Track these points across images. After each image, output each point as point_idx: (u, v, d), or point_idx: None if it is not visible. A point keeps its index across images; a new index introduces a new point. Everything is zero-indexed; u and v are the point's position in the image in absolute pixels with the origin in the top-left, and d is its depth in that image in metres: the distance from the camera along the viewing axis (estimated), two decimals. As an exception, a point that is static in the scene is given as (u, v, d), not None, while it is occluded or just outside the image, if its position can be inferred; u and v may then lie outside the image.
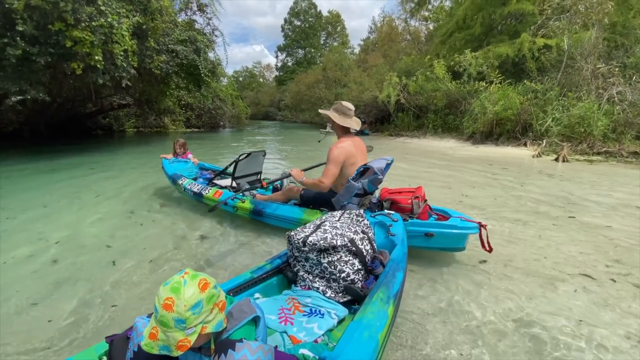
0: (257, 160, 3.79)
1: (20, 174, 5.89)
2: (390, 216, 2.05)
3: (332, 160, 2.49)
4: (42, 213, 3.64)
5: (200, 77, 11.97)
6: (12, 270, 2.37)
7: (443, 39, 15.57)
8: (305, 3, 54.05)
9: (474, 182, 5.20)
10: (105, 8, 7.07)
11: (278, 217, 2.90)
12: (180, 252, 2.66)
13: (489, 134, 10.14)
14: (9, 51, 6.75)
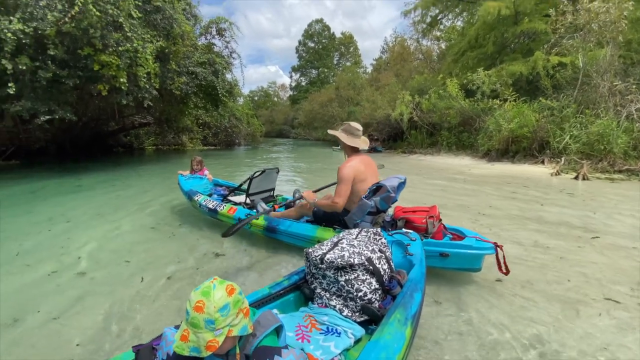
0: (270, 177, 3.87)
1: (46, 190, 6.15)
2: (408, 235, 2.03)
3: (343, 180, 2.54)
4: (65, 228, 3.78)
5: (218, 97, 12.41)
6: (36, 284, 2.45)
7: (455, 58, 15.70)
8: (319, 26, 55.84)
9: (491, 201, 5.10)
10: (132, 34, 7.51)
11: (291, 235, 2.92)
12: (196, 269, 2.70)
13: (504, 152, 9.99)
14: (40, 74, 7.21)
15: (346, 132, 2.73)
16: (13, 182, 7.02)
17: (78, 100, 10.09)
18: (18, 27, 6.46)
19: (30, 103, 7.48)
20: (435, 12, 18.70)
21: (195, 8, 11.48)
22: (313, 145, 29.15)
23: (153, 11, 8.82)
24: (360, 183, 2.60)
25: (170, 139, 18.69)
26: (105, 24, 7.20)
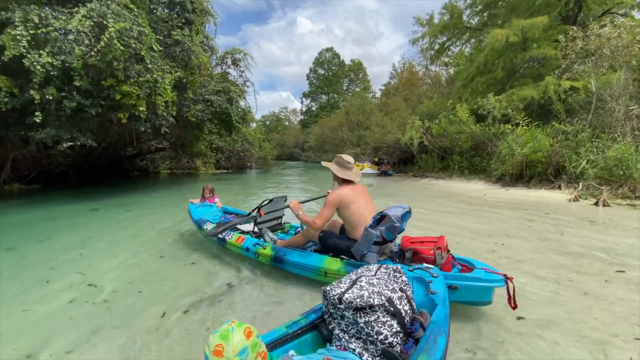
0: (278, 205, 3.88)
1: (65, 216, 6.30)
2: (430, 271, 1.96)
3: (327, 204, 2.71)
4: (82, 255, 3.82)
5: (232, 123, 12.76)
6: (52, 316, 2.45)
7: (465, 83, 15.87)
8: (329, 54, 57.83)
9: (507, 229, 4.96)
10: (152, 66, 7.90)
11: (298, 265, 2.91)
12: (210, 302, 2.66)
13: (519, 176, 9.82)
14: (65, 103, 7.57)
15: (338, 164, 2.90)
16: (34, 207, 7.23)
17: (98, 126, 10.50)
18: (47, 60, 6.88)
19: (54, 131, 7.82)
20: (443, 40, 19.15)
21: (212, 40, 12.08)
22: (323, 167, 29.29)
23: (173, 44, 9.32)
24: (350, 205, 2.70)
25: (185, 163, 19.14)
26: (128, 57, 7.61)
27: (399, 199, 8.44)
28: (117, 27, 7.07)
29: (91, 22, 7.05)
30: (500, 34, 12.41)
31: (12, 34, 6.76)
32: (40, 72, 6.84)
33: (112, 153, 15.02)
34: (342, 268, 2.67)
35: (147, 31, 7.76)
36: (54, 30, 6.92)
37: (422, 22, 19.40)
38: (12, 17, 6.86)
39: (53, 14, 7.19)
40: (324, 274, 2.73)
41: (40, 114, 7.38)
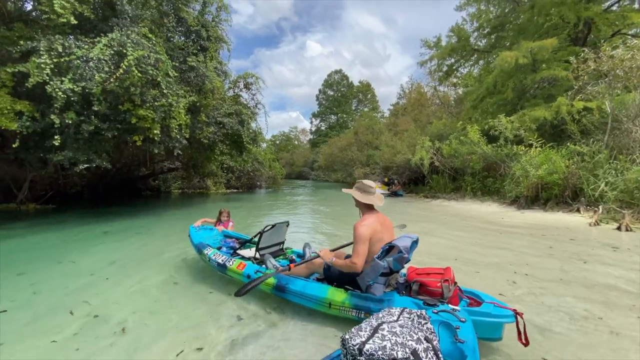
0: (280, 231, 3.84)
1: (77, 238, 6.35)
2: (456, 314, 1.78)
3: (360, 239, 2.51)
4: (91, 281, 3.80)
5: (243, 144, 12.94)
6: (59, 348, 2.39)
7: (474, 104, 15.87)
8: (338, 76, 59.12)
9: (527, 257, 4.76)
10: (167, 91, 8.14)
11: (301, 295, 2.81)
12: (219, 337, 2.57)
13: (534, 198, 9.55)
14: (83, 127, 7.82)
15: (359, 190, 2.78)
16: (48, 228, 7.33)
17: (114, 148, 10.78)
18: (68, 87, 7.17)
19: (72, 153, 8.04)
20: (451, 62, 19.38)
21: (225, 65, 12.46)
22: (332, 187, 29.24)
23: (188, 70, 9.65)
24: (377, 243, 2.56)
25: (196, 182, 19.37)
26: (145, 83, 7.88)
27: (412, 221, 8.27)
28: (136, 55, 7.37)
29: (112, 50, 7.37)
30: (509, 56, 12.48)
31: (36, 62, 7.11)
32: (61, 97, 7.11)
33: (125, 173, 15.32)
34: (347, 300, 2.59)
35: (163, 58, 8.06)
36: (76, 59, 7.24)
37: (430, 45, 19.72)
38: (38, 46, 7.23)
39: (76, 43, 7.56)
40: (328, 305, 2.65)
41: (59, 137, 7.62)
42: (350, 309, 2.56)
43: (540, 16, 13.89)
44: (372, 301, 2.50)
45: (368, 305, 2.50)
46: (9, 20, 8.28)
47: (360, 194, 2.75)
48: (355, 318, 2.54)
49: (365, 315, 2.50)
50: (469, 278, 3.81)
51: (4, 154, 10.36)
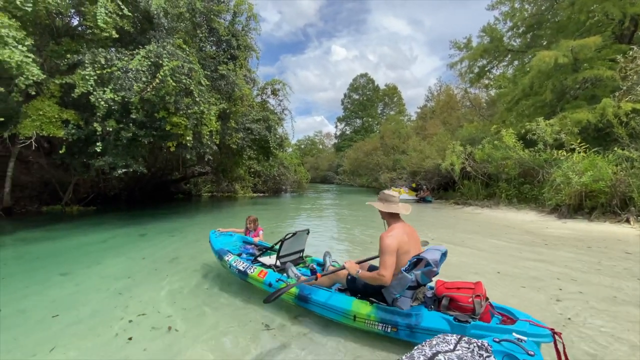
0: (301, 239, 3.81)
1: (115, 240, 6.68)
2: (523, 346, 1.56)
3: (387, 250, 2.42)
4: (127, 285, 3.95)
5: (270, 149, 13.14)
6: (95, 349, 2.49)
7: (509, 106, 15.14)
8: (363, 79, 58.81)
9: (572, 272, 4.41)
10: (200, 99, 8.43)
11: (325, 306, 2.74)
12: (247, 347, 2.56)
13: (577, 207, 8.89)
14: (122, 134, 8.26)
15: (382, 200, 2.74)
16: (89, 229, 7.77)
17: (149, 154, 11.33)
18: (110, 96, 7.62)
19: (111, 158, 8.52)
20: (483, 63, 18.67)
21: (254, 73, 12.75)
22: (357, 192, 28.99)
23: (218, 78, 9.96)
24: (403, 255, 2.47)
25: (224, 186, 19.92)
26: (179, 91, 8.21)
27: (442, 229, 7.97)
28: (171, 65, 7.69)
29: (149, 61, 7.75)
30: (547, 55, 11.80)
31: (81, 73, 7.61)
32: (103, 106, 7.57)
33: (159, 177, 16.05)
34: (372, 313, 2.52)
35: (196, 67, 8.37)
36: (117, 70, 7.69)
37: (460, 46, 19.12)
38: (83, 59, 7.74)
39: (117, 55, 8.02)
40: (353, 318, 2.58)
41: (101, 143, 8.11)
42: (376, 323, 2.48)
43: (581, 13, 13.03)
44: (400, 315, 2.43)
45: (395, 320, 2.43)
46: (57, 35, 8.94)
47: (382, 205, 2.70)
48: (382, 332, 2.48)
49: (392, 330, 2.43)
50: (507, 294, 3.58)
51: (52, 159, 11.17)
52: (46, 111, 7.80)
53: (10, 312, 3.15)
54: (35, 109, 7.72)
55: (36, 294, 3.63)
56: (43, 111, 7.78)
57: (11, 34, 6.60)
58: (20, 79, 6.74)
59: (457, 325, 2.23)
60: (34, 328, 2.84)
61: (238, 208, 13.75)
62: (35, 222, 8.57)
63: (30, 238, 6.68)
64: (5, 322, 2.95)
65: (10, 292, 3.67)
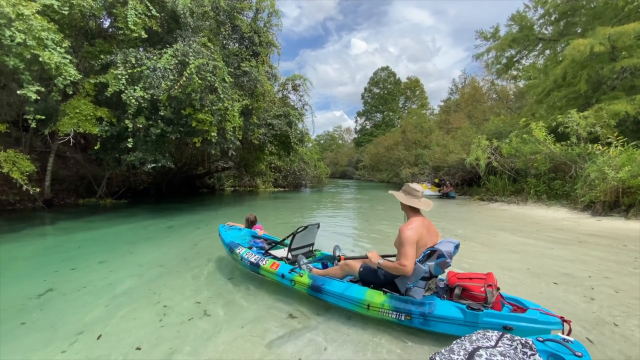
0: (312, 232, 3.86)
1: (146, 231, 7.02)
2: (569, 346, 1.51)
3: (407, 242, 2.49)
4: (159, 273, 4.17)
5: (290, 144, 13.27)
6: (136, 330, 2.66)
7: (539, 98, 14.45)
8: (384, 73, 57.80)
9: (605, 271, 4.22)
10: (224, 95, 8.63)
11: (338, 296, 2.82)
12: (276, 332, 2.66)
13: (613, 204, 8.43)
14: (152, 130, 8.61)
15: (405, 192, 2.79)
16: (122, 221, 8.20)
17: (176, 150, 11.75)
18: (140, 94, 7.95)
19: (141, 154, 8.92)
20: (511, 53, 17.87)
21: (275, 69, 12.86)
22: (378, 187, 28.73)
23: (241, 75, 10.14)
24: (421, 248, 2.55)
25: (246, 181, 20.34)
26: (204, 88, 8.45)
27: (467, 225, 7.80)
28: (197, 63, 7.91)
29: (176, 60, 8.01)
30: (582, 44, 11.16)
31: (114, 73, 7.98)
32: (134, 104, 7.91)
33: (185, 172, 16.62)
34: (386, 302, 2.60)
35: (220, 65, 8.56)
36: (146, 69, 8.00)
37: (486, 36, 18.38)
38: (115, 59, 8.11)
39: (146, 55, 8.34)
40: (367, 306, 2.66)
41: (132, 139, 8.50)
42: (390, 311, 2.57)
43: (620, -2, 12.20)
44: (413, 304, 2.52)
45: (409, 308, 2.51)
46: (91, 37, 9.41)
47: (405, 197, 2.76)
48: (395, 320, 2.56)
49: (406, 318, 2.51)
50: (536, 291, 3.48)
51: (87, 155, 11.84)
52: (82, 109, 8.25)
53: (55, 295, 3.41)
54: (72, 107, 8.18)
55: (78, 279, 3.90)
56: (79, 109, 8.23)
57: (50, 37, 7.01)
58: (59, 79, 7.17)
59: (470, 313, 2.31)
60: (78, 309, 3.07)
61: (260, 202, 14.02)
62: (73, 214, 9.13)
63: (69, 228, 7.15)
64: (52, 302, 3.21)
65: (54, 277, 3.97)
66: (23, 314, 2.98)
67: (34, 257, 5.04)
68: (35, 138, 10.58)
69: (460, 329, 2.36)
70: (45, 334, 2.64)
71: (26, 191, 7.96)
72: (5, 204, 9.32)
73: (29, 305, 3.18)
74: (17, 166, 7.72)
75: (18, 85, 7.58)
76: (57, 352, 2.37)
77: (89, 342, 2.50)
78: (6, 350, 2.38)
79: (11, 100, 8.81)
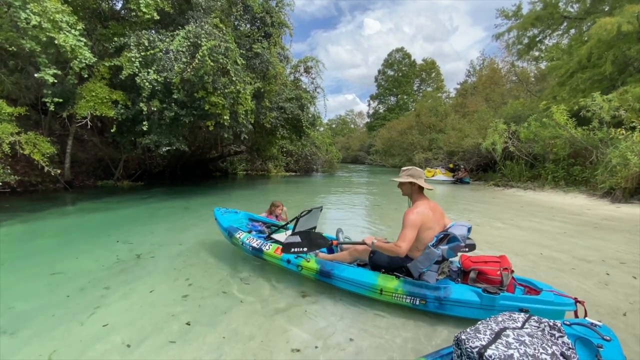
0: (315, 215, 3.82)
1: (163, 212, 7.22)
2: (598, 330, 1.49)
3: (409, 224, 2.48)
4: (179, 251, 4.32)
5: (302, 128, 13.21)
6: (152, 307, 2.79)
7: (562, 80, 13.83)
8: (399, 54, 56.17)
9: (623, 256, 4.14)
10: (236, 78, 8.60)
11: (349, 281, 2.81)
12: (289, 309, 2.74)
13: (634, 191, 8.14)
14: (166, 114, 8.69)
15: (406, 174, 2.73)
16: (140, 202, 8.45)
17: (189, 133, 11.88)
18: (153, 77, 8.00)
19: (156, 137, 9.06)
20: (534, 32, 17.03)
21: (287, 50, 12.68)
22: (390, 172, 28.51)
23: (253, 57, 10.04)
24: (428, 231, 2.53)
25: (258, 165, 20.49)
26: (216, 71, 8.42)
27: (481, 211, 7.71)
28: (209, 45, 7.87)
29: (188, 42, 7.97)
30: (609, 22, 10.54)
31: (128, 56, 8.03)
32: (148, 87, 7.98)
33: (199, 156, 16.84)
34: (400, 286, 2.59)
35: (232, 47, 8.48)
36: (159, 51, 8.01)
37: (508, 15, 17.52)
38: (128, 41, 8.14)
39: (159, 37, 8.34)
40: (379, 291, 2.64)
41: (147, 122, 8.62)
42: (404, 296, 2.56)
43: (652, -28, 11.35)
44: (428, 288, 2.52)
45: (423, 293, 2.51)
46: (104, 19, 9.44)
47: (401, 177, 2.72)
48: (410, 305, 2.56)
49: (421, 302, 2.51)
50: (550, 276, 3.45)
51: (104, 138, 12.10)
52: (98, 92, 8.39)
53: (78, 271, 3.59)
54: (88, 91, 8.33)
55: (100, 258, 4.08)
56: (95, 92, 8.37)
57: (64, 19, 7.07)
58: (74, 62, 7.27)
59: (487, 296, 2.32)
60: (102, 282, 3.23)
61: (271, 186, 14.16)
62: (93, 195, 9.45)
63: (89, 208, 7.42)
64: (79, 278, 3.38)
65: (76, 254, 4.17)
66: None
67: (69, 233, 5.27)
68: (54, 121, 10.86)
69: (477, 312, 2.37)
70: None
71: (47, 173, 8.25)
72: (28, 185, 9.70)
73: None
74: (37, 148, 7.98)
75: (35, 68, 7.74)
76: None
77: (117, 309, 2.64)
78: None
79: (29, 83, 9.03)
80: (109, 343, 2.24)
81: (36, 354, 2.12)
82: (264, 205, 5.39)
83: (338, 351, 2.18)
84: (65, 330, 2.40)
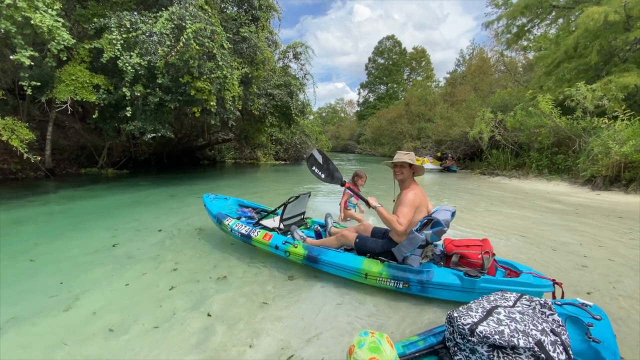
0: (303, 202, 3.85)
1: (148, 200, 7.09)
2: (588, 309, 1.51)
3: (409, 203, 2.54)
4: (162, 237, 4.27)
5: (291, 116, 13.07)
6: (135, 293, 2.76)
7: (548, 70, 13.99)
8: (389, 42, 55.75)
9: (599, 240, 4.29)
10: (222, 63, 8.39)
11: (335, 265, 2.85)
12: (279, 291, 2.75)
13: (614, 179, 8.41)
14: (150, 99, 8.46)
15: (411, 158, 2.76)
16: (125, 190, 8.27)
17: (175, 119, 11.60)
18: (136, 61, 7.73)
19: (141, 123, 8.83)
20: (523, 21, 17.09)
21: (275, 35, 12.41)
22: (380, 161, 28.63)
23: (240, 41, 9.79)
24: (419, 214, 2.60)
25: (247, 153, 20.26)
26: (202, 55, 8.19)
27: (467, 198, 7.85)
28: (194, 28, 7.62)
29: (172, 24, 7.71)
30: (596, 12, 10.64)
31: (108, 38, 7.72)
32: (130, 71, 7.72)
33: (186, 143, 16.53)
34: (384, 270, 2.64)
35: (218, 30, 8.25)
36: (141, 34, 7.72)
37: (498, 3, 17.54)
38: (109, 23, 7.81)
39: (141, 19, 8.02)
40: (364, 275, 2.69)
41: (130, 108, 8.37)
42: (388, 280, 2.61)
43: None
44: (411, 272, 2.57)
45: (407, 276, 2.56)
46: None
47: (404, 158, 2.70)
48: (394, 288, 2.61)
49: (404, 286, 2.55)
50: (530, 258, 3.56)
51: (86, 124, 11.73)
52: (78, 76, 8.07)
53: (62, 258, 3.51)
54: (68, 74, 8.00)
55: (83, 244, 3.99)
56: (75, 76, 8.06)
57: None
58: (52, 44, 6.95)
59: (467, 279, 2.37)
60: (86, 268, 3.17)
61: (260, 174, 14.05)
62: (76, 183, 9.20)
63: (72, 196, 7.23)
64: (63, 264, 3.31)
65: (60, 241, 4.08)
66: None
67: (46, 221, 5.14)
68: (33, 106, 10.44)
69: (458, 294, 2.43)
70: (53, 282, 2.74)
71: (27, 160, 7.97)
72: (7, 173, 9.37)
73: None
74: (15, 134, 7.67)
75: (11, 51, 7.37)
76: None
77: (101, 295, 2.60)
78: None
79: (5, 66, 8.61)
80: (92, 328, 2.22)
81: (19, 340, 2.08)
82: (252, 194, 5.34)
83: (323, 332, 2.21)
84: (48, 316, 2.36)
